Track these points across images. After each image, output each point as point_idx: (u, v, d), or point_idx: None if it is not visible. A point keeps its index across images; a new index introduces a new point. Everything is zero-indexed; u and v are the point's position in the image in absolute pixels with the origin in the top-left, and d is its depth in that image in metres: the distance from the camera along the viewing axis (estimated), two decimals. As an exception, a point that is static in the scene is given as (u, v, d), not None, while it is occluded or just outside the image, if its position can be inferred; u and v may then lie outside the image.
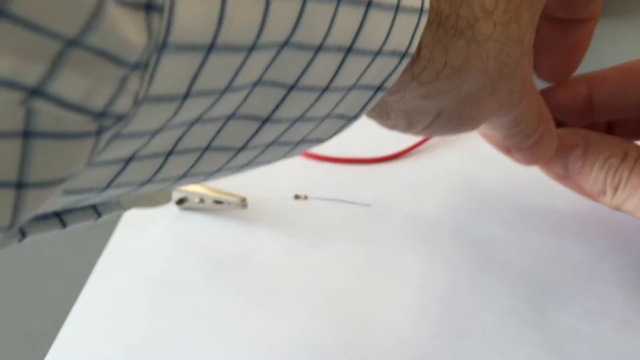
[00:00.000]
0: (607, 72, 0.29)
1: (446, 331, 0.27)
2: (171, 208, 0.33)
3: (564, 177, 0.29)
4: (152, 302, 0.28)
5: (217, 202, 0.32)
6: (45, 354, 0.26)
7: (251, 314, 0.28)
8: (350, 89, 0.16)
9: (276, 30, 0.12)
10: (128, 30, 0.10)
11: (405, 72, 0.18)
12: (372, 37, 0.15)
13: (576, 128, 0.29)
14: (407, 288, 0.29)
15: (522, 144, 0.26)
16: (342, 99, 0.16)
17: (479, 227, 0.33)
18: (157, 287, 0.29)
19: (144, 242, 0.31)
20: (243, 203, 0.32)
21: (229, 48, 0.12)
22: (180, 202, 0.33)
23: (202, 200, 0.32)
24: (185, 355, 0.26)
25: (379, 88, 0.16)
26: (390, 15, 0.15)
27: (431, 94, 0.20)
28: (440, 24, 0.18)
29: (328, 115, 0.16)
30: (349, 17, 0.14)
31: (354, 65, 0.15)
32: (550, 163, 0.29)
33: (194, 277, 0.29)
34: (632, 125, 0.31)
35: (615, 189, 0.27)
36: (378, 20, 0.15)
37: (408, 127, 0.22)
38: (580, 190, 0.29)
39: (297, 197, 0.33)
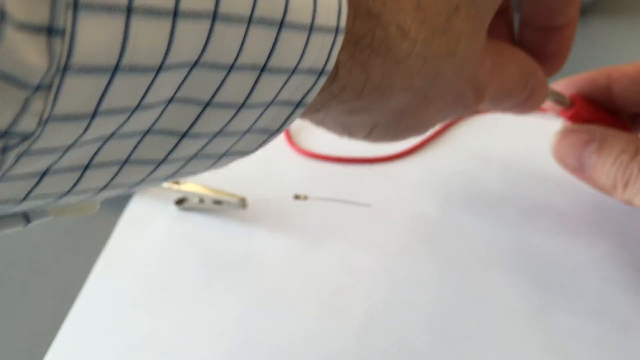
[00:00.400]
0: (627, 67, 0.30)
1: (446, 331, 0.27)
2: (171, 208, 0.33)
3: (580, 171, 0.30)
4: (151, 302, 0.28)
5: (217, 202, 0.32)
6: (44, 354, 0.26)
7: (251, 314, 0.28)
8: (268, 104, 0.15)
9: (184, 52, 0.12)
10: (29, 53, 0.10)
11: (324, 90, 0.18)
12: (286, 56, 0.15)
13: (593, 125, 0.30)
14: (407, 288, 0.29)
15: (513, 108, 0.27)
16: (261, 114, 0.16)
17: (479, 227, 0.33)
18: (157, 287, 0.29)
19: (144, 242, 0.31)
20: (243, 203, 0.32)
21: (135, 69, 0.12)
22: (180, 202, 0.33)
23: (201, 201, 0.32)
24: (185, 355, 0.26)
25: (298, 104, 0.16)
26: (304, 35, 0.15)
27: (356, 110, 0.20)
28: (357, 44, 0.17)
29: (249, 130, 0.16)
30: (260, 37, 0.14)
31: (270, 83, 0.15)
32: (566, 157, 0.30)
33: (194, 277, 0.29)
34: None
35: (626, 185, 0.28)
36: (291, 40, 0.14)
37: (350, 136, 0.22)
38: (595, 183, 0.30)
39: (297, 197, 0.33)
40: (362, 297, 0.29)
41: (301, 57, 0.15)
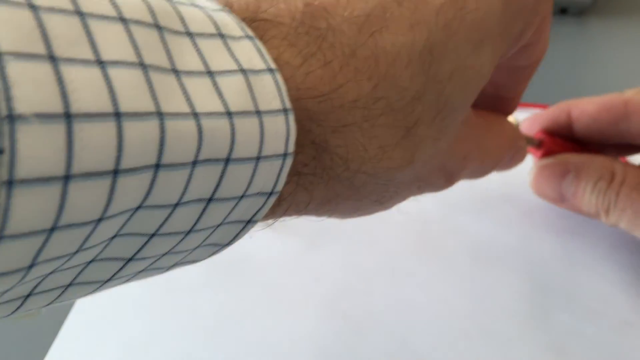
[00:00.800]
0: (586, 104, 0.30)
1: (446, 331, 0.27)
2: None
3: (561, 202, 0.31)
4: (151, 302, 0.28)
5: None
6: (44, 354, 0.26)
7: (251, 314, 0.28)
8: (217, 226, 0.15)
9: (125, 203, 0.12)
10: None
11: (275, 205, 0.17)
12: (233, 187, 0.14)
13: (567, 153, 0.31)
14: (407, 288, 0.29)
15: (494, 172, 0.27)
16: (210, 234, 0.15)
17: (479, 227, 0.33)
18: (157, 287, 0.29)
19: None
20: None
21: (73, 226, 0.12)
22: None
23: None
24: (185, 355, 0.26)
25: (249, 221, 0.16)
26: (251, 165, 0.14)
27: (300, 216, 0.19)
28: (300, 172, 0.17)
29: (199, 246, 0.16)
30: (206, 175, 0.13)
31: (218, 210, 0.14)
32: (546, 191, 0.31)
33: (193, 277, 0.29)
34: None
35: (607, 211, 0.28)
36: (238, 172, 0.14)
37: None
38: (579, 211, 0.30)
39: (296, 197, 0.33)
40: (362, 297, 0.29)
41: (249, 184, 0.15)
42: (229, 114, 0.13)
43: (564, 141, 0.32)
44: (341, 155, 0.17)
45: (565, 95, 0.44)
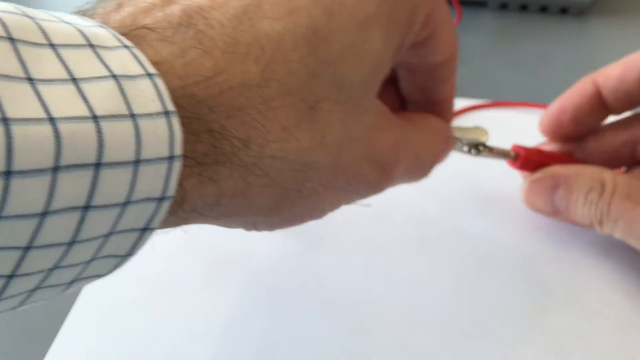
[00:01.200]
0: (610, 68, 0.30)
1: (446, 331, 0.27)
2: (171, 208, 0.33)
3: (556, 215, 0.31)
4: (151, 301, 0.28)
5: (217, 202, 0.32)
6: (44, 354, 0.26)
7: (250, 314, 0.28)
8: (107, 236, 0.15)
9: None
10: None
11: (176, 209, 0.17)
12: (111, 193, 0.14)
13: (557, 165, 0.31)
14: (407, 288, 0.29)
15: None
16: (102, 245, 0.15)
17: (480, 227, 0.33)
18: (157, 287, 0.29)
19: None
20: (243, 203, 0.32)
21: None
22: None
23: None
24: (185, 355, 0.26)
25: (145, 229, 0.16)
26: (129, 170, 0.14)
27: (223, 216, 0.19)
28: (201, 163, 0.17)
29: (94, 259, 0.15)
30: (75, 181, 0.13)
31: (99, 219, 0.14)
32: (539, 205, 0.31)
33: (194, 277, 0.29)
34: None
35: (600, 222, 0.28)
36: (114, 177, 0.14)
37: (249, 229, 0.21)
38: (573, 222, 0.30)
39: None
40: (362, 296, 0.29)
41: (131, 190, 0.14)
42: (95, 117, 0.13)
43: (540, 151, 0.32)
44: (241, 138, 0.17)
45: (566, 95, 0.44)
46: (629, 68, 0.29)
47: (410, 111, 0.26)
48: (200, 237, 0.32)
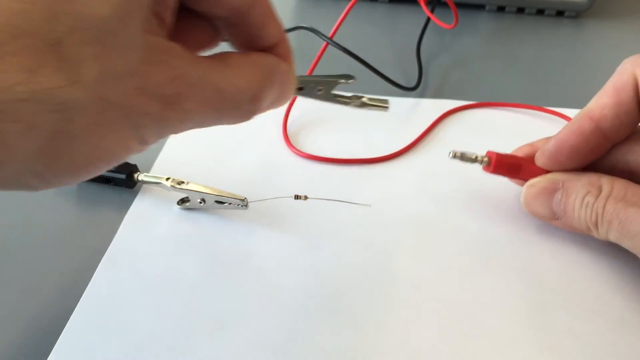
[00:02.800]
0: (600, 99, 0.30)
1: (445, 331, 0.28)
2: (173, 208, 0.34)
3: (554, 220, 0.31)
4: (153, 300, 0.29)
5: (218, 202, 0.32)
6: (49, 352, 0.27)
7: (252, 312, 0.28)
8: None
9: None
10: None
11: None
12: None
13: (555, 172, 0.31)
14: (406, 287, 0.30)
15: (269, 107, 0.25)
16: None
17: (478, 226, 0.33)
18: (159, 286, 0.29)
19: (147, 242, 0.32)
20: (244, 203, 0.32)
21: None
22: (182, 202, 0.33)
23: (203, 201, 0.33)
24: (187, 352, 0.27)
25: None
26: None
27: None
28: None
29: None
30: None
31: None
32: (538, 209, 0.31)
33: (196, 276, 0.30)
34: None
35: (596, 225, 0.29)
36: None
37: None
38: (571, 228, 0.31)
39: (297, 197, 0.34)
40: (361, 295, 0.29)
41: None
42: None
43: (511, 155, 0.33)
44: None
45: (563, 97, 0.45)
46: (618, 90, 0.29)
47: (231, 53, 0.25)
48: (202, 236, 0.32)
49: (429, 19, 0.51)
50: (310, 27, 0.49)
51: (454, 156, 0.32)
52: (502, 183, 0.35)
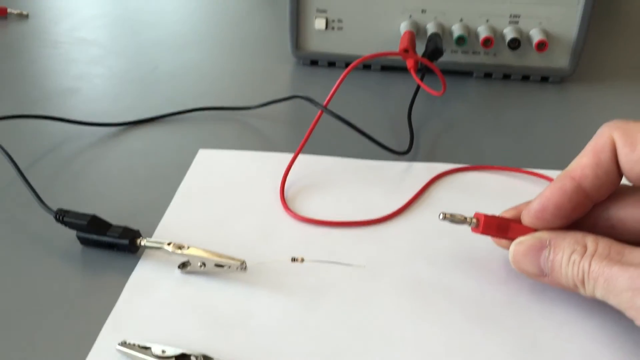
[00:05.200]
0: (581, 159, 0.31)
1: (438, 387, 0.28)
2: (174, 272, 0.35)
3: (542, 277, 0.32)
4: (156, 363, 0.29)
5: (218, 265, 0.34)
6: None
7: (251, 373, 0.29)
8: None
9: None
10: None
11: None
12: None
13: (543, 231, 0.32)
14: (401, 347, 0.30)
15: None
16: None
17: (470, 286, 0.34)
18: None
19: (149, 306, 0.33)
20: (243, 266, 0.33)
21: None
22: (183, 266, 0.35)
23: (203, 264, 0.34)
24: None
25: None
26: None
27: None
28: None
29: None
30: None
31: None
32: (526, 266, 0.32)
33: (197, 338, 0.31)
34: None
35: (582, 283, 0.30)
36: None
37: None
38: (559, 286, 0.32)
39: (293, 259, 0.35)
40: (357, 356, 0.30)
41: None
42: None
43: (497, 217, 0.34)
44: None
45: (548, 159, 0.47)
46: (597, 152, 0.31)
47: None
48: (203, 299, 0.33)
49: (419, 86, 0.53)
50: (306, 95, 0.51)
51: (444, 218, 0.33)
52: (492, 243, 0.36)
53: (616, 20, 0.84)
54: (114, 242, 0.36)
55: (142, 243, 0.36)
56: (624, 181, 0.31)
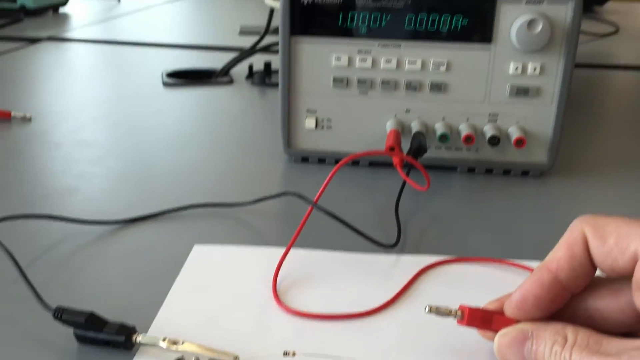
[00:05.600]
0: (556, 252, 0.33)
1: None
2: (168, 367, 0.35)
3: None
4: None
5: (212, 360, 0.35)
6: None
7: None
8: None
9: None
10: None
11: None
12: None
13: (525, 322, 0.34)
14: None
15: None
16: None
17: (457, 377, 0.35)
18: None
19: (143, 402, 0.33)
20: (236, 361, 0.34)
21: None
22: (178, 361, 0.35)
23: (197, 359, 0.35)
24: None
25: None
26: None
27: None
28: None
29: None
30: None
31: None
32: (510, 358, 0.33)
33: None
34: None
35: None
36: None
37: None
38: None
39: (285, 353, 0.36)
40: None
41: None
42: None
43: (482, 309, 0.35)
44: None
45: (529, 250, 0.49)
46: (571, 245, 0.32)
47: None
48: (196, 395, 0.33)
49: (405, 182, 0.56)
50: (297, 192, 0.53)
51: (430, 311, 0.35)
52: (478, 337, 0.37)
53: (591, 116, 0.88)
54: (110, 340, 0.37)
55: (138, 340, 0.36)
56: (599, 273, 0.33)
